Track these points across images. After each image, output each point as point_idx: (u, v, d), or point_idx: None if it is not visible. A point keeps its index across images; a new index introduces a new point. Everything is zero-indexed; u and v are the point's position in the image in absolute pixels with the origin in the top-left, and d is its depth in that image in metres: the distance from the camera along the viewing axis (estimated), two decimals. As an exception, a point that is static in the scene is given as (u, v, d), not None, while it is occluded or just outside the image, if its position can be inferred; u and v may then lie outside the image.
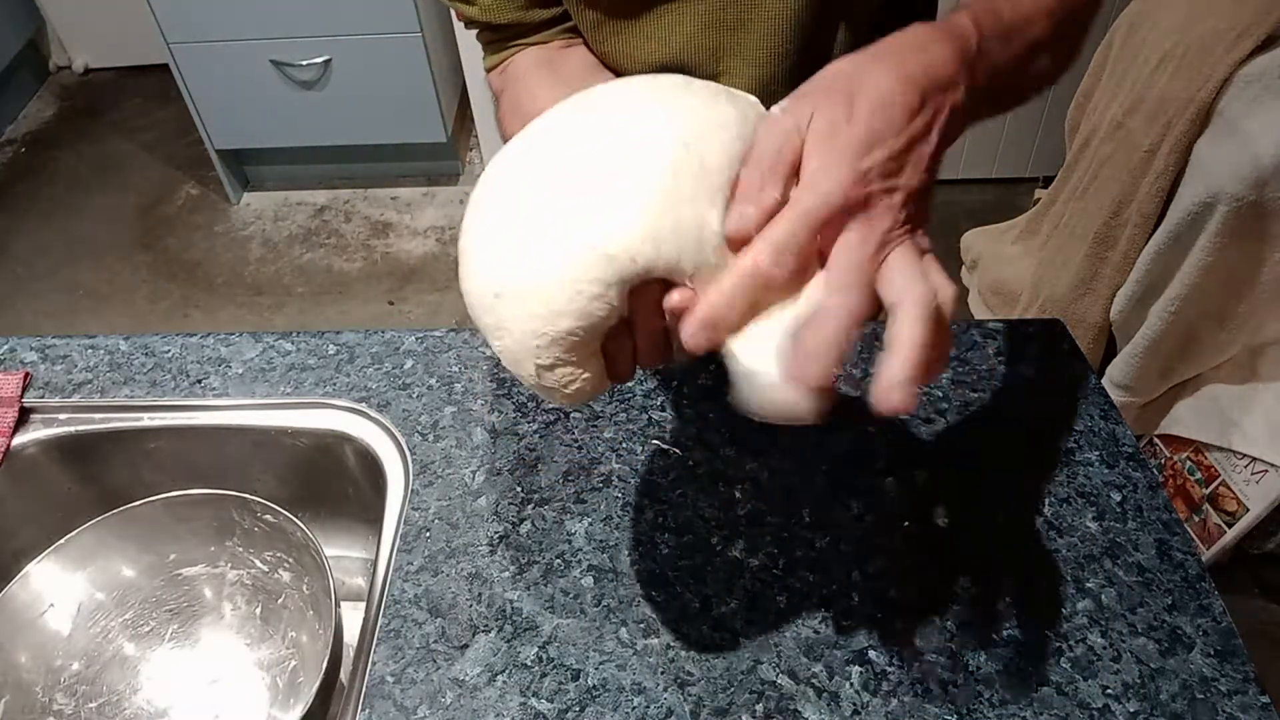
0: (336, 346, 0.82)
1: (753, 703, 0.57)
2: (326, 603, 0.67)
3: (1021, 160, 2.20)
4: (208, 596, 0.80)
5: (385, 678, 0.60)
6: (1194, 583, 0.62)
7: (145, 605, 0.78)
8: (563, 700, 0.58)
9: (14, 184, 2.59)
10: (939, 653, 0.59)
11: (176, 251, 2.36)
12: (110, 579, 0.76)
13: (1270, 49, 1.22)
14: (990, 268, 1.88)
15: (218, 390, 0.79)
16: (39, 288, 2.29)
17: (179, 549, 0.77)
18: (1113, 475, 0.68)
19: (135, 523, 0.74)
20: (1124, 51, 1.49)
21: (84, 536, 0.73)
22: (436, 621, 0.63)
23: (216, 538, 0.77)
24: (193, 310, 2.21)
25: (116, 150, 2.69)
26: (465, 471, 0.72)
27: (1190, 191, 1.24)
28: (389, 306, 2.18)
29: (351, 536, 0.84)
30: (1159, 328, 1.32)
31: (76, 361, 0.83)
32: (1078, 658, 0.58)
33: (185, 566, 0.78)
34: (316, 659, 0.74)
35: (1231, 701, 0.56)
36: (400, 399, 0.77)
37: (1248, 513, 1.31)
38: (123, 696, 0.75)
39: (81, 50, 2.95)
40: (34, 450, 0.78)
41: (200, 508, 0.74)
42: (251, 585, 0.79)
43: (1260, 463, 1.28)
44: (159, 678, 0.77)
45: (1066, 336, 0.79)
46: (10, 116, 2.82)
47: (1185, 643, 0.59)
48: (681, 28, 0.62)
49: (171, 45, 2.11)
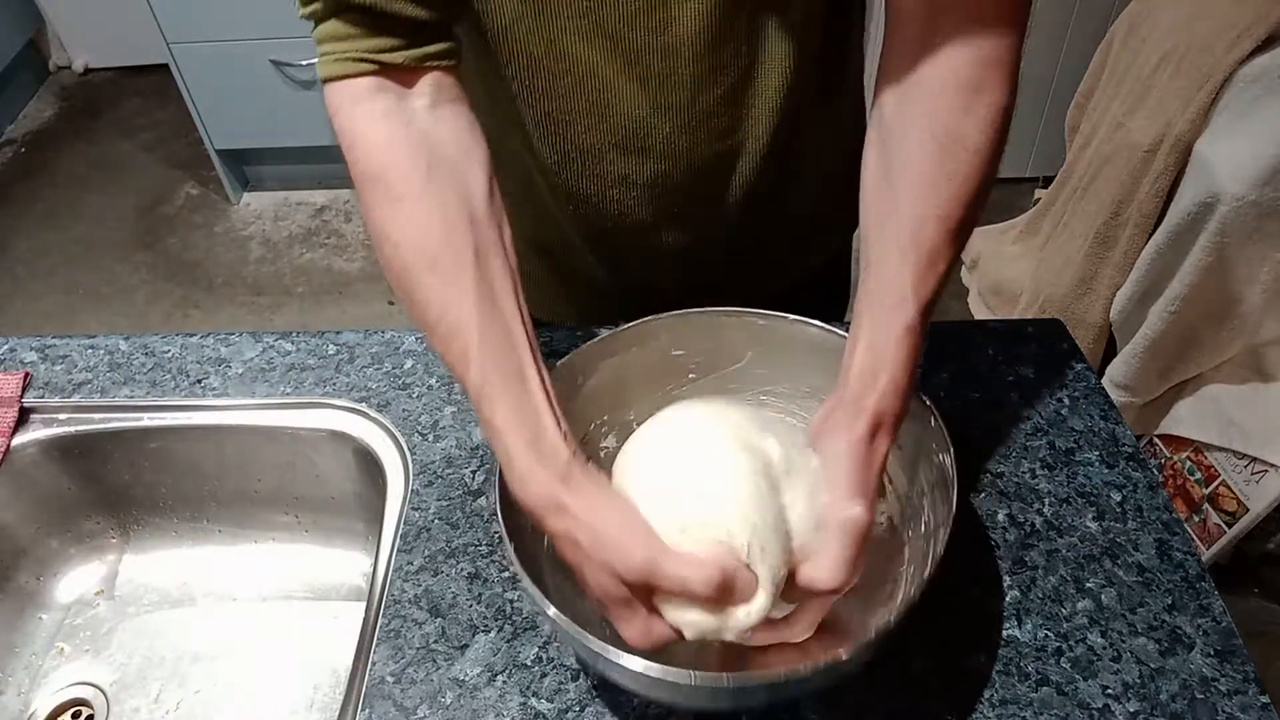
0: (336, 346, 0.82)
1: (753, 703, 0.57)
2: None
3: (1021, 160, 2.20)
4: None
5: (385, 678, 0.60)
6: (1194, 583, 0.62)
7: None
8: (563, 700, 0.58)
9: (14, 184, 2.59)
10: (939, 653, 0.59)
11: (176, 251, 2.36)
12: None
13: (1270, 49, 1.22)
14: (990, 268, 1.88)
15: (218, 390, 0.79)
16: (39, 288, 2.29)
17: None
18: (1113, 475, 0.68)
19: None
20: (1124, 51, 1.49)
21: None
22: (436, 621, 0.63)
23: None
24: (193, 310, 2.21)
25: (116, 150, 2.69)
26: (465, 471, 0.72)
27: (1190, 191, 1.24)
28: (389, 306, 2.18)
29: (351, 536, 0.84)
30: (1159, 328, 1.32)
31: (76, 361, 0.83)
32: (1078, 658, 0.58)
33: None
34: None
35: (1231, 701, 0.56)
36: (400, 399, 0.77)
37: (1248, 513, 1.31)
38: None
39: (81, 50, 2.95)
40: (34, 450, 0.78)
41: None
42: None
43: (1260, 463, 1.28)
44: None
45: (1066, 336, 0.79)
46: (10, 116, 2.81)
47: (1185, 643, 0.59)
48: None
49: (171, 45, 2.11)
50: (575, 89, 0.64)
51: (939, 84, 0.53)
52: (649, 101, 0.64)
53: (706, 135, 0.67)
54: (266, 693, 0.77)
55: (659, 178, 0.69)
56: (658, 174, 0.69)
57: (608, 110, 0.65)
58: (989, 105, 0.53)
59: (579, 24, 0.61)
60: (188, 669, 0.78)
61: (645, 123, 0.66)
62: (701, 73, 0.63)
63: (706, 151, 0.68)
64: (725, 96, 0.65)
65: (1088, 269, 1.48)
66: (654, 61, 0.62)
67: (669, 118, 0.65)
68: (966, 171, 0.52)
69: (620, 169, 0.69)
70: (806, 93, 0.67)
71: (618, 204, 0.71)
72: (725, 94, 0.65)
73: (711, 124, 0.66)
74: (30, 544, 0.82)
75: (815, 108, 0.70)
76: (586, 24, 0.61)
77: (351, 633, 0.66)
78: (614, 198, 0.70)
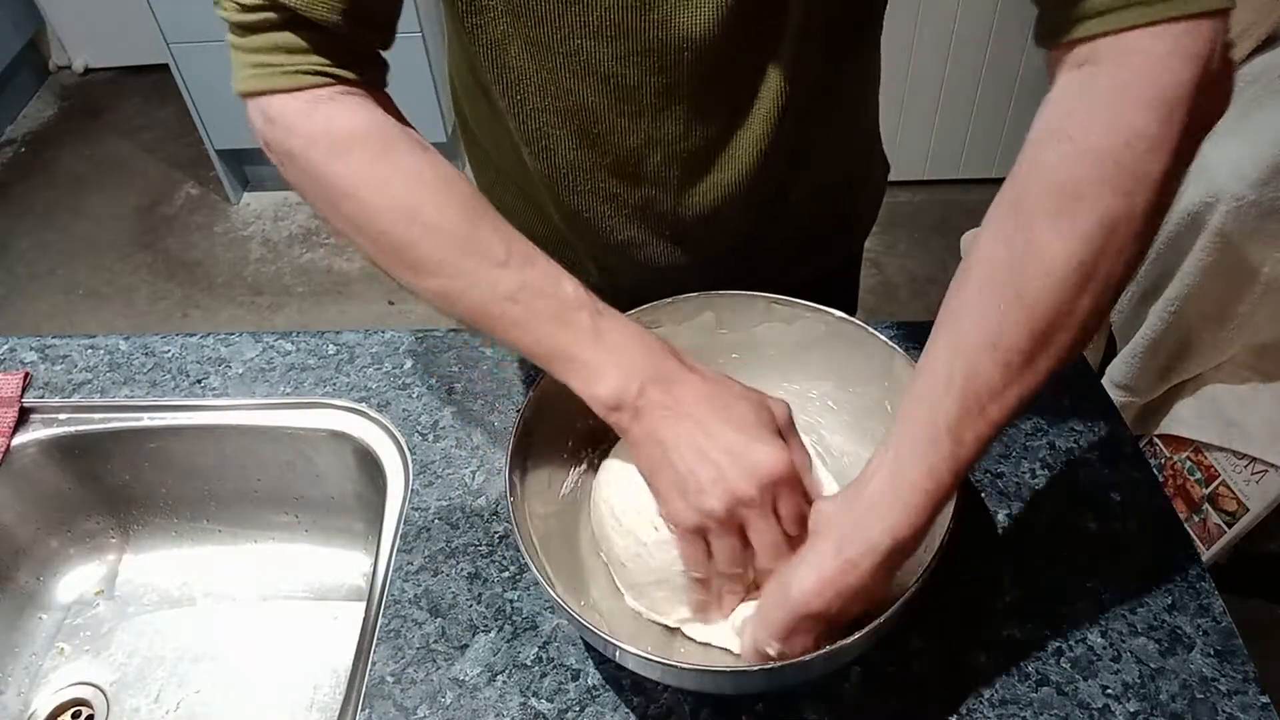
0: (336, 346, 0.82)
1: (753, 702, 0.57)
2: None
3: (1021, 160, 2.20)
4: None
5: (385, 678, 0.60)
6: (1194, 583, 0.62)
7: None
8: (563, 700, 0.58)
9: (14, 184, 2.59)
10: (939, 653, 0.59)
11: (176, 251, 2.36)
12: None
13: (1270, 49, 1.22)
14: (990, 268, 1.88)
15: (218, 390, 0.79)
16: (39, 288, 2.29)
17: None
18: (1113, 475, 0.68)
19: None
20: (1124, 51, 1.48)
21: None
22: (436, 621, 0.63)
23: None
24: (193, 310, 2.21)
25: (116, 150, 2.69)
26: (465, 471, 0.72)
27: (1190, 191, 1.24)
28: (389, 306, 2.18)
29: (351, 536, 0.84)
30: (1159, 328, 1.32)
31: (76, 361, 0.83)
32: (1078, 658, 0.58)
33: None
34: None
35: (1231, 701, 0.56)
36: (400, 399, 0.77)
37: (1248, 513, 1.31)
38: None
39: (81, 50, 2.95)
40: (34, 450, 0.78)
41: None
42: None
43: (1260, 463, 1.28)
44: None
45: (1066, 336, 0.79)
46: (10, 116, 2.81)
47: (1185, 643, 0.59)
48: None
49: (171, 45, 2.10)
50: (565, 115, 0.63)
51: (1036, 180, 0.45)
52: (641, 134, 0.64)
53: (699, 166, 0.66)
54: (266, 693, 0.77)
55: (650, 201, 0.68)
56: (648, 198, 0.68)
57: (598, 139, 0.64)
58: (1089, 213, 0.42)
59: (570, 61, 0.60)
60: (188, 669, 0.78)
61: (636, 152, 0.65)
62: (697, 109, 0.62)
63: (699, 179, 0.67)
64: (720, 131, 0.64)
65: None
66: (648, 99, 0.61)
67: (661, 149, 0.65)
68: (1038, 294, 0.43)
69: (610, 189, 0.68)
70: (803, 123, 0.65)
71: (609, 220, 0.71)
72: (720, 129, 0.64)
73: (704, 155, 0.65)
74: (30, 544, 0.82)
75: (814, 135, 0.69)
76: (578, 62, 0.60)
77: (351, 633, 0.66)
78: (605, 214, 0.70)
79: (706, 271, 0.71)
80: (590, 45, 0.58)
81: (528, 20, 0.58)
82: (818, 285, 0.80)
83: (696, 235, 0.71)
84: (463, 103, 0.77)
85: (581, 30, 0.58)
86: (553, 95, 0.62)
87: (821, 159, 0.73)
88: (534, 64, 0.61)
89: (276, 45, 0.54)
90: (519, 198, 0.77)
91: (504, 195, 0.79)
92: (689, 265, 0.73)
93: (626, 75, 0.60)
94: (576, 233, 0.73)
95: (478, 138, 0.77)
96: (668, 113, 0.62)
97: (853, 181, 0.81)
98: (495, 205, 0.56)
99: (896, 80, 2.05)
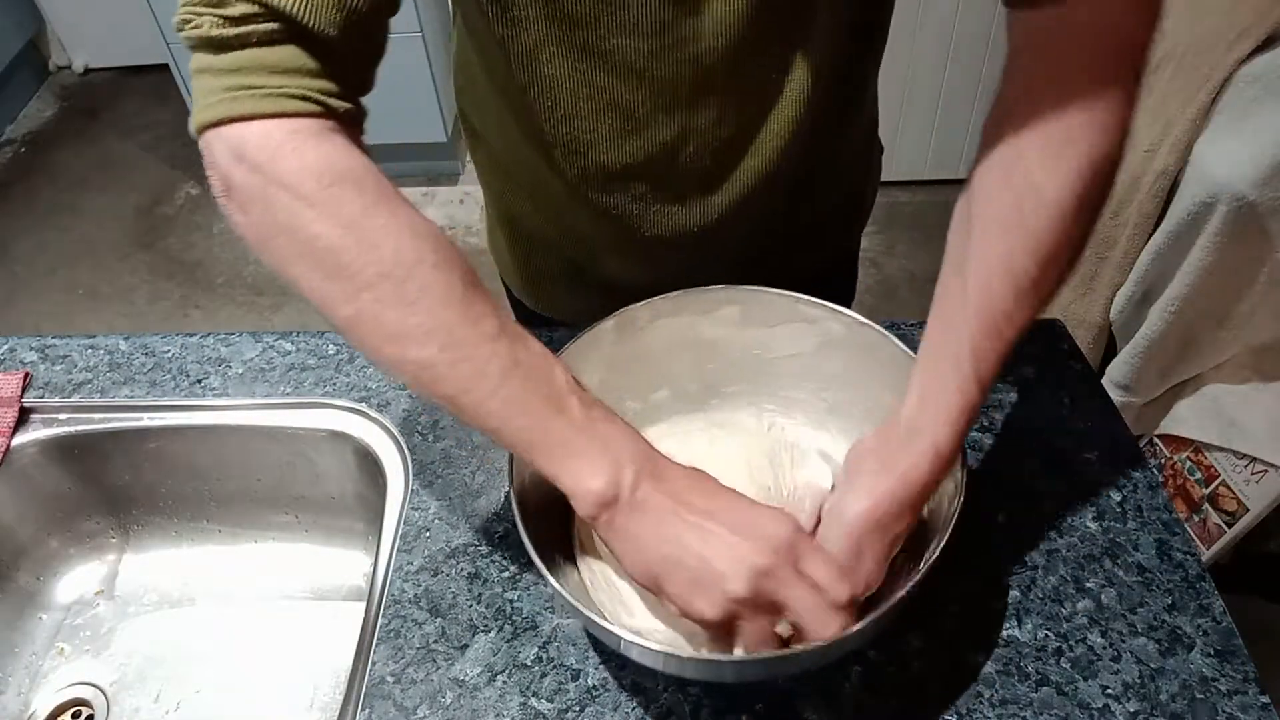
0: (336, 346, 0.82)
1: (753, 702, 0.57)
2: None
3: (1021, 160, 2.20)
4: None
5: (385, 678, 0.60)
6: (1194, 583, 0.62)
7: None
8: (563, 700, 0.58)
9: (14, 184, 2.58)
10: (939, 653, 0.59)
11: (176, 251, 2.36)
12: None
13: (1270, 49, 1.22)
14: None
15: (218, 390, 0.79)
16: (39, 288, 2.29)
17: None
18: (1113, 475, 0.68)
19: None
20: (1124, 51, 1.48)
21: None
22: (436, 621, 0.63)
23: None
24: (193, 310, 2.21)
25: (116, 150, 2.69)
26: (465, 471, 0.72)
27: (1190, 191, 1.24)
28: (389, 306, 2.18)
29: (351, 536, 0.84)
30: (1159, 328, 1.32)
31: (76, 361, 0.83)
32: (1078, 658, 0.58)
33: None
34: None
35: (1231, 701, 0.56)
36: (400, 399, 0.77)
37: (1248, 513, 1.31)
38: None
39: (81, 50, 2.95)
40: (34, 450, 0.78)
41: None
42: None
43: (1260, 463, 1.28)
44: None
45: (1066, 336, 0.79)
46: (10, 116, 2.81)
47: (1185, 643, 0.59)
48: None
49: (171, 45, 2.11)
50: (599, 114, 0.64)
51: (1027, 131, 0.50)
52: (676, 126, 0.64)
53: (732, 154, 0.67)
54: (266, 693, 0.77)
55: (682, 193, 0.69)
56: (681, 189, 0.69)
57: (633, 134, 0.65)
58: (1079, 155, 0.49)
59: (606, 60, 0.60)
60: (188, 669, 0.78)
61: (671, 144, 0.65)
62: (730, 98, 0.63)
63: (731, 167, 0.68)
64: (752, 117, 0.65)
65: (1087, 269, 1.48)
66: (684, 91, 0.62)
67: (695, 139, 0.65)
68: (1041, 224, 0.49)
69: (643, 183, 0.69)
70: (827, 106, 0.66)
71: (638, 215, 0.71)
72: (752, 116, 0.65)
73: (738, 143, 0.66)
74: (30, 544, 0.82)
75: (836, 116, 0.70)
76: (614, 61, 0.60)
77: (351, 633, 0.66)
78: (635, 210, 0.71)
79: (721, 259, 0.71)
80: (626, 43, 0.59)
81: (564, 24, 0.58)
82: (819, 277, 0.81)
83: (722, 224, 0.72)
84: (471, 115, 0.77)
85: (618, 29, 0.58)
86: (586, 96, 0.63)
87: (842, 139, 0.74)
88: (568, 67, 0.61)
89: (262, 63, 0.47)
90: (528, 201, 0.77)
91: (513, 201, 0.79)
92: (709, 257, 0.74)
93: (662, 69, 0.61)
94: (601, 230, 0.74)
95: (489, 146, 0.78)
96: (702, 103, 0.63)
97: (862, 162, 0.83)
98: (505, 212, 0.56)
99: (896, 80, 2.05)
